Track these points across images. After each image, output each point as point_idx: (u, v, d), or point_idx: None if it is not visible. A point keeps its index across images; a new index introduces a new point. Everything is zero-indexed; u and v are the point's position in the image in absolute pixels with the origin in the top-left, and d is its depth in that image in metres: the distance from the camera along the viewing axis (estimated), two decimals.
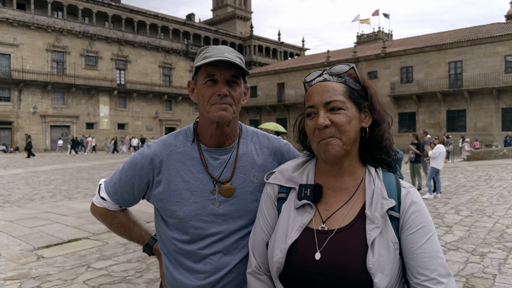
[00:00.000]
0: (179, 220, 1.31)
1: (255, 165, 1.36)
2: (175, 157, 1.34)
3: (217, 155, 1.34)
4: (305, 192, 1.13)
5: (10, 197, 10.48)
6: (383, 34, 69.55)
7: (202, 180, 1.31)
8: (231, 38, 56.84)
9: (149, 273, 4.60)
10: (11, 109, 36.86)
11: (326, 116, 1.07)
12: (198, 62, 1.25)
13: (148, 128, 46.07)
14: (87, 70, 41.76)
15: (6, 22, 36.49)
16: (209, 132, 1.33)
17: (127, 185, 1.36)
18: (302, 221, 1.10)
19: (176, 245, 1.33)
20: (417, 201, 1.09)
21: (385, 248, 1.02)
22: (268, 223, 1.20)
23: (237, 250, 1.31)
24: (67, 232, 6.50)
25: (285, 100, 42.13)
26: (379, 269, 0.99)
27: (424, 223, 1.06)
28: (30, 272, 4.65)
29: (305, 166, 1.22)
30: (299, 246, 1.07)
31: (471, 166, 18.90)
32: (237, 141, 1.38)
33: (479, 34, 31.59)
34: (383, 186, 1.10)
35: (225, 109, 1.24)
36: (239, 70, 1.27)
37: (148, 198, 1.39)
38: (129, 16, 45.26)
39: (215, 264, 1.30)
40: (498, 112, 30.05)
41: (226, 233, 1.30)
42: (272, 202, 1.21)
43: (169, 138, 1.39)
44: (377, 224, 1.04)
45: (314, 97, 1.10)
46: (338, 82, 1.11)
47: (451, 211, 8.41)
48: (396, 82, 34.55)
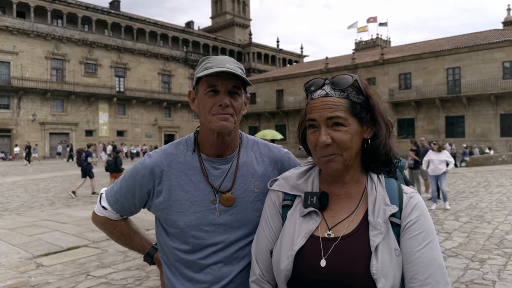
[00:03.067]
0: (179, 229, 1.31)
1: (255, 175, 1.37)
2: (175, 166, 1.34)
3: (217, 164, 1.34)
4: (311, 200, 1.13)
5: (9, 205, 10.47)
6: (381, 41, 69.84)
7: (202, 189, 1.32)
8: (230, 45, 57.05)
9: (149, 281, 4.59)
10: (10, 117, 36.86)
11: (327, 133, 1.06)
12: (199, 72, 1.26)
13: (147, 135, 46.08)
14: (87, 77, 41.84)
15: (5, 30, 36.60)
16: (209, 142, 1.33)
17: (127, 194, 1.37)
18: (308, 228, 1.11)
19: (176, 255, 1.34)
20: (419, 206, 1.10)
21: (388, 254, 1.03)
22: (272, 231, 1.19)
23: (238, 260, 1.31)
24: (67, 240, 6.49)
25: (284, 106, 42.23)
26: (382, 275, 1.00)
27: (424, 228, 1.07)
28: (29, 280, 4.64)
29: (309, 173, 1.22)
30: (305, 253, 1.08)
31: (470, 172, 18.91)
32: (238, 150, 1.39)
33: (477, 41, 31.79)
34: (385, 192, 1.11)
35: (226, 119, 1.25)
36: (240, 80, 1.27)
37: (149, 207, 1.40)
38: (129, 24, 45.46)
39: (215, 274, 1.30)
40: (496, 118, 30.15)
41: (227, 243, 1.31)
42: (276, 210, 1.21)
43: (170, 147, 1.40)
44: (380, 230, 1.05)
45: (315, 112, 1.09)
46: (340, 98, 1.09)
47: (450, 217, 8.40)
48: (394, 88, 34.68)
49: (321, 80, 1.14)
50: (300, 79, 40.61)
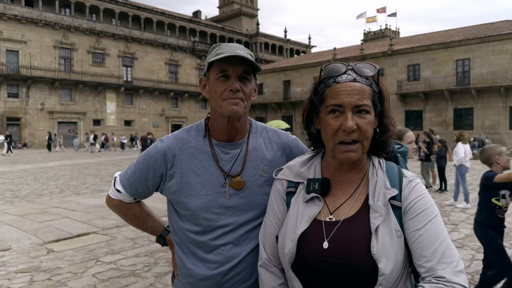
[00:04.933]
0: (191, 212, 1.36)
1: (264, 160, 1.41)
2: (187, 151, 1.39)
3: (227, 149, 1.39)
4: (314, 186, 1.17)
5: (19, 192, 10.62)
6: (390, 31, 69.10)
7: (213, 173, 1.36)
8: (237, 35, 56.78)
9: (157, 267, 4.67)
10: (19, 106, 37.17)
11: (353, 119, 1.08)
12: (211, 58, 1.29)
13: (154, 125, 46.22)
14: (94, 67, 41.95)
15: (14, 19, 36.73)
16: (220, 127, 1.37)
17: (141, 178, 1.42)
18: (311, 213, 1.15)
19: (188, 236, 1.39)
20: (419, 188, 1.12)
21: (389, 235, 1.06)
22: (277, 217, 1.24)
23: (247, 242, 1.36)
24: (76, 227, 6.59)
25: (291, 97, 42.07)
26: (383, 255, 1.03)
27: (425, 207, 1.08)
28: (40, 265, 4.74)
29: (312, 161, 1.26)
30: (309, 236, 1.12)
31: (478, 165, 18.76)
32: (247, 136, 1.43)
33: (487, 32, 31.32)
34: (386, 176, 1.14)
35: (236, 104, 1.29)
36: (250, 66, 1.31)
37: (161, 190, 1.44)
38: (136, 13, 45.37)
39: (225, 255, 1.35)
40: (506, 111, 29.82)
41: (236, 225, 1.35)
42: (281, 197, 1.25)
43: (182, 133, 1.45)
44: (380, 212, 1.08)
45: (344, 97, 1.09)
46: (366, 85, 1.12)
47: (457, 209, 8.40)
48: (403, 80, 34.38)
49: (342, 64, 1.15)
50: (307, 69, 40.37)
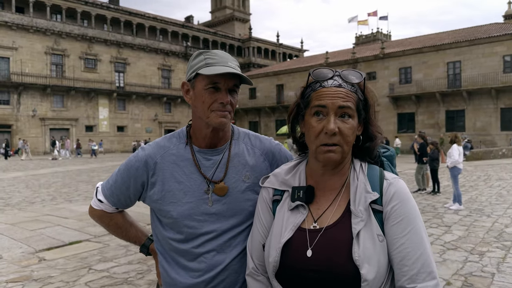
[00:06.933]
0: (173, 219, 1.35)
1: (246, 166, 1.41)
2: (168, 158, 1.38)
3: (209, 155, 1.39)
4: (298, 194, 1.17)
5: (11, 200, 10.51)
6: (381, 35, 69.53)
7: (195, 180, 1.36)
8: (230, 40, 56.86)
9: (150, 275, 4.63)
10: (11, 113, 36.84)
11: (335, 122, 1.08)
12: (201, 68, 1.28)
13: (147, 130, 46.06)
14: (86, 72, 41.74)
15: (5, 26, 36.45)
16: (203, 135, 1.37)
17: (123, 187, 1.41)
18: (295, 221, 1.14)
19: (171, 244, 1.38)
20: (400, 191, 1.11)
21: (371, 240, 1.05)
22: (264, 226, 1.24)
23: (230, 248, 1.35)
24: (68, 235, 6.52)
25: (284, 101, 42.14)
26: (365, 260, 1.02)
27: (406, 214, 1.08)
28: (32, 274, 4.68)
29: (297, 168, 1.25)
30: (293, 245, 1.11)
31: (470, 166, 18.93)
32: (229, 142, 1.43)
33: (477, 34, 31.65)
34: (367, 180, 1.14)
35: (225, 116, 1.30)
36: (239, 79, 1.32)
37: (143, 199, 1.44)
38: (128, 19, 45.27)
39: (209, 262, 1.33)
40: (497, 112, 30.08)
41: (219, 232, 1.34)
42: (267, 206, 1.25)
43: (163, 140, 1.44)
44: (361, 217, 1.07)
45: (327, 99, 1.10)
46: (351, 91, 1.13)
47: (450, 210, 8.44)
48: (395, 82, 34.59)
49: (329, 70, 1.16)
50: (300, 73, 40.49)
